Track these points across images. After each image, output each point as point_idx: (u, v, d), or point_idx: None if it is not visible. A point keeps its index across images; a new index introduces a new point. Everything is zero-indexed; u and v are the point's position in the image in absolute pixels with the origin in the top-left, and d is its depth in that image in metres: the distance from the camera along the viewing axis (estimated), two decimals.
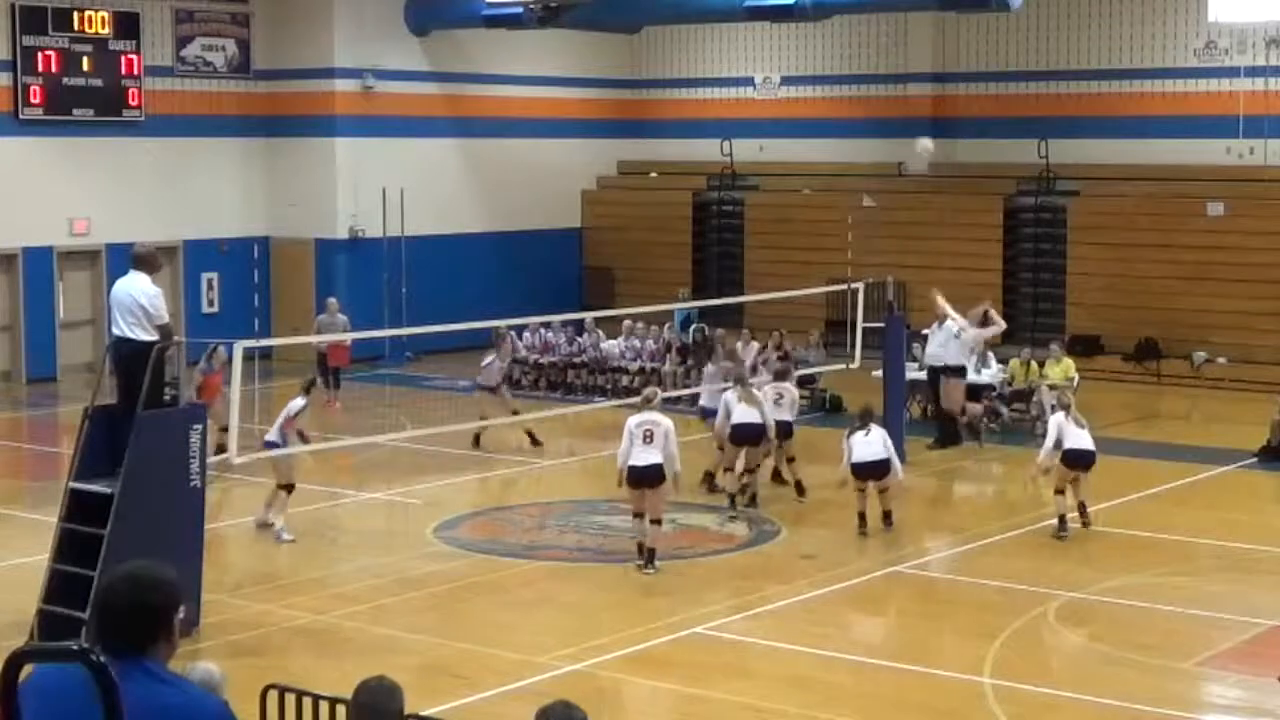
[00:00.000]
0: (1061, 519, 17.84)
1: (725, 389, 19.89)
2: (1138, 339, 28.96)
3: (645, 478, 16.14)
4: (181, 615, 4.34)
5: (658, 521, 16.36)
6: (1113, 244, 29.64)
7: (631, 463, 16.15)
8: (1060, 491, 17.95)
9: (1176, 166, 29.62)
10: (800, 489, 19.49)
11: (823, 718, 12.28)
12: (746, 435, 18.78)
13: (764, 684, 13.00)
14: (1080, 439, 17.97)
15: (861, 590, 16.03)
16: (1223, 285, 28.53)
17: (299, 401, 18.02)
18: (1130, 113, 30.48)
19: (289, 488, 17.79)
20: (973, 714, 12.34)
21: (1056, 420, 18.19)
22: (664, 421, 16.32)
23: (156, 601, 4.27)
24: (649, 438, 16.12)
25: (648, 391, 17.44)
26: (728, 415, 18.93)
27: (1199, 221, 29.03)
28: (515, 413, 22.68)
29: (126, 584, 4.28)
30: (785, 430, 19.57)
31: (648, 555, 16.29)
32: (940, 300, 22.87)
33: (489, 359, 23.00)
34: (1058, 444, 17.95)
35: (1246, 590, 15.97)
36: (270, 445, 17.85)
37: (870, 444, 17.78)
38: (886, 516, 17.95)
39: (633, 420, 16.36)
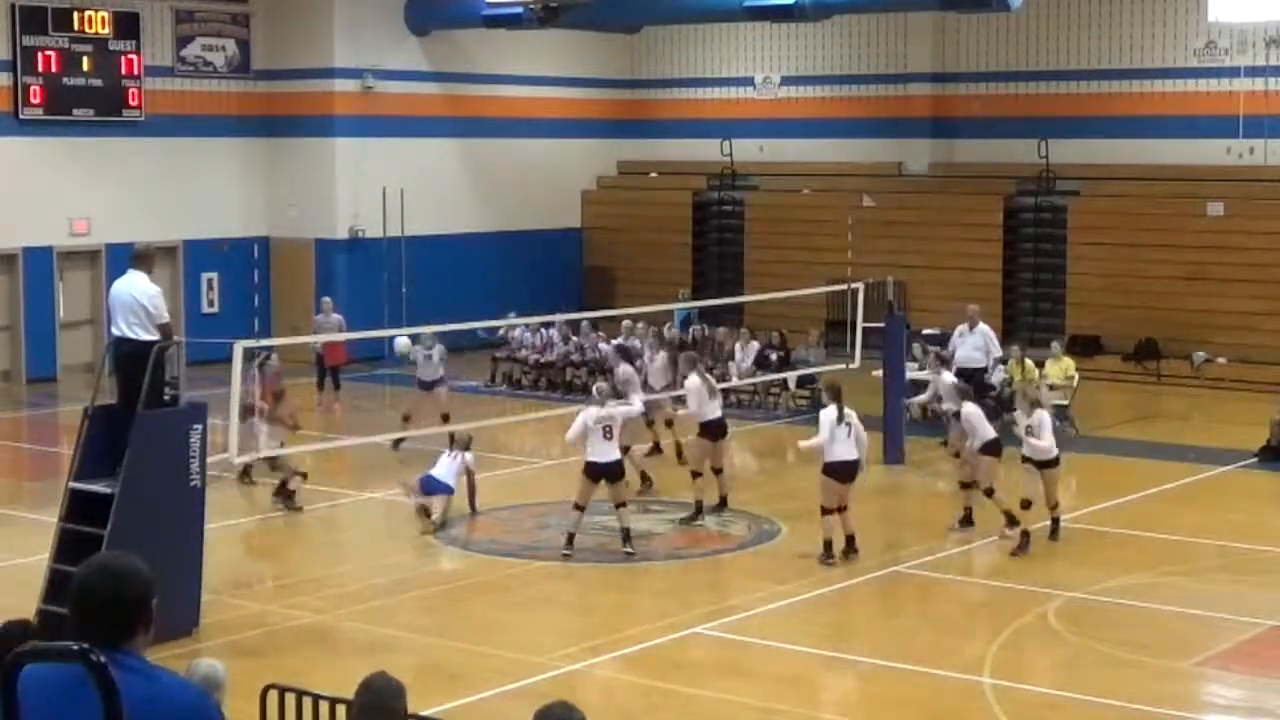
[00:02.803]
0: (1027, 535, 17.00)
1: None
2: (1138, 339, 28.96)
3: (608, 472, 16.73)
4: (153, 605, 4.29)
5: (624, 504, 16.95)
6: (1113, 244, 29.64)
7: (593, 458, 16.66)
8: (1030, 503, 16.96)
9: (1176, 166, 29.61)
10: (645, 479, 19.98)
11: (823, 718, 12.28)
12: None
13: (764, 684, 12.99)
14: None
15: (861, 590, 16.03)
16: (1223, 285, 28.53)
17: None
18: (1130, 113, 30.48)
19: (303, 475, 18.76)
20: (973, 714, 12.33)
21: (1045, 416, 17.20)
22: (619, 419, 16.92)
23: (131, 594, 4.23)
24: (608, 433, 16.63)
25: (600, 387, 17.75)
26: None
27: (1199, 221, 29.04)
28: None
29: (100, 576, 4.24)
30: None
31: (624, 535, 16.77)
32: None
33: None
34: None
35: (1246, 590, 15.96)
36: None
37: (848, 442, 16.28)
38: (850, 541, 16.65)
39: (590, 415, 16.70)
